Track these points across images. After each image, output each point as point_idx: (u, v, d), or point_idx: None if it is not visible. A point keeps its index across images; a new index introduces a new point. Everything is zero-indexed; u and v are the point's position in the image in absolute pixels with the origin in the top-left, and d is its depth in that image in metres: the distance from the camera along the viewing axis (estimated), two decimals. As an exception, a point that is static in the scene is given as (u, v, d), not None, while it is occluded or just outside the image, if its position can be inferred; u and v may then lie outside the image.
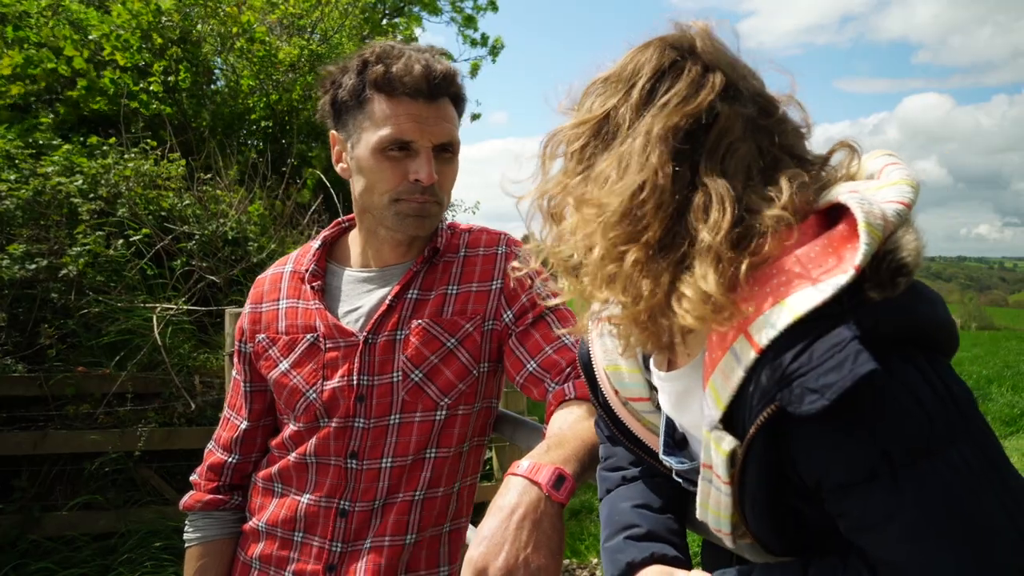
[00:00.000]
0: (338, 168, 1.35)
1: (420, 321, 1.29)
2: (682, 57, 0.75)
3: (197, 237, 3.94)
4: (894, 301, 0.62)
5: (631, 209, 0.69)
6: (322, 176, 5.13)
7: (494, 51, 12.13)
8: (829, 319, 0.61)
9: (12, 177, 3.59)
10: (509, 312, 1.31)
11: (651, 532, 0.88)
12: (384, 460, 1.26)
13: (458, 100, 1.31)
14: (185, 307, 3.67)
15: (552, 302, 0.82)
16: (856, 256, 0.62)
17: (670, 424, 0.88)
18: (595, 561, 4.21)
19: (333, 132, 1.34)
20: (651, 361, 0.88)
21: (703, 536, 0.91)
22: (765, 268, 0.66)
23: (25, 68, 4.93)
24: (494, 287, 1.32)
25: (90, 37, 5.17)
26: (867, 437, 0.61)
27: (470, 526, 1.61)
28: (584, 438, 1.05)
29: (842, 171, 0.76)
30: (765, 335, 0.63)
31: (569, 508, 5.18)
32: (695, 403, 0.79)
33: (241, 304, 3.94)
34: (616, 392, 0.94)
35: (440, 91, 1.25)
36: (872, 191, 0.70)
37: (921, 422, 0.60)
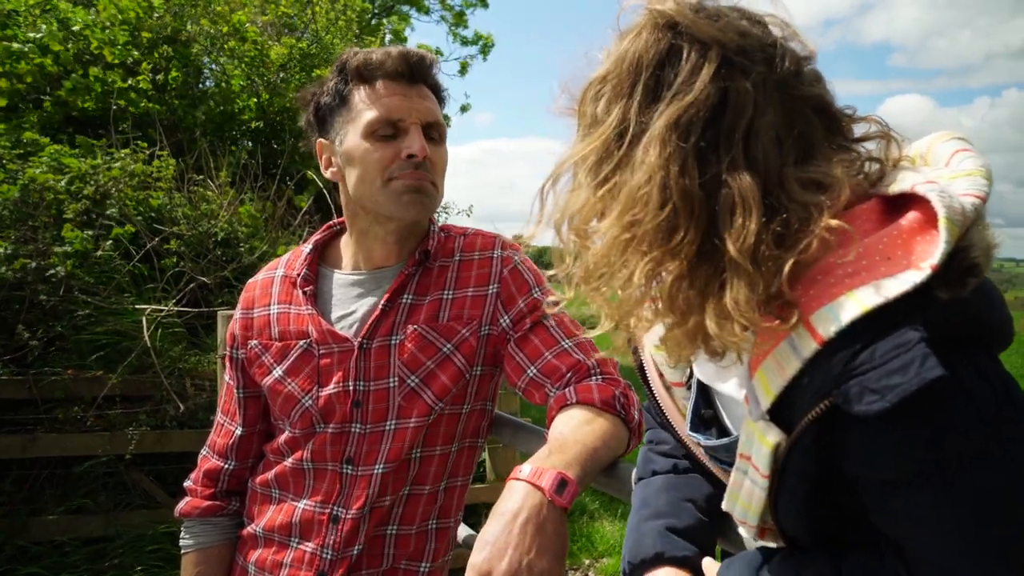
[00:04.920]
0: (328, 174, 1.35)
1: (416, 326, 1.28)
2: (677, 38, 0.69)
3: (186, 237, 3.91)
4: (962, 301, 0.59)
5: (663, 222, 0.65)
6: (315, 177, 5.11)
7: (485, 49, 12.13)
8: (894, 316, 0.59)
9: (0, 177, 3.55)
10: (506, 317, 1.30)
11: (689, 530, 0.89)
12: (377, 466, 1.25)
13: (437, 90, 1.33)
14: (175, 309, 3.64)
15: (593, 334, 0.79)
16: (934, 253, 0.59)
17: (698, 402, 0.88)
18: (587, 562, 4.21)
19: (320, 141, 1.34)
20: None
21: (727, 547, 0.91)
22: (826, 261, 0.63)
23: (8, 57, 4.86)
24: (490, 291, 1.31)
25: (74, 28, 5.11)
26: (922, 439, 0.59)
27: (462, 525, 1.61)
28: (586, 443, 1.04)
29: (892, 151, 0.71)
30: (830, 327, 0.60)
31: (562, 509, 5.18)
32: (736, 371, 0.77)
33: (233, 306, 3.92)
34: (661, 376, 0.93)
35: (419, 74, 1.28)
36: (945, 180, 0.66)
37: (977, 425, 0.59)
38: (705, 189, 0.65)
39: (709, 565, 0.86)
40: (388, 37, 9.00)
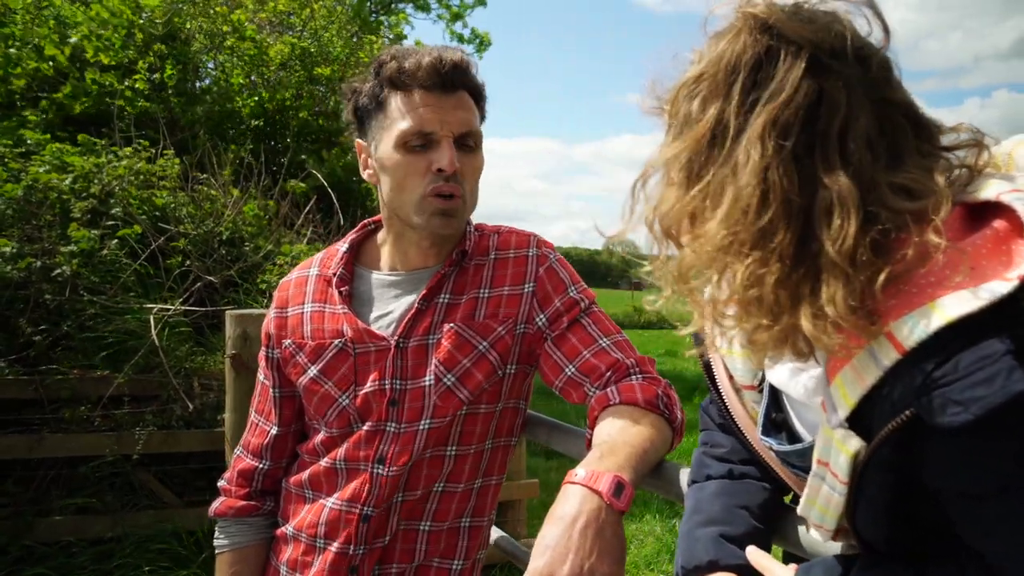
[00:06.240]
0: (365, 175, 1.35)
1: (452, 325, 1.28)
2: (775, 40, 0.70)
3: (192, 236, 3.89)
4: None
5: (765, 224, 0.65)
6: (318, 175, 5.09)
7: (481, 46, 12.18)
8: (979, 327, 0.58)
9: (3, 176, 3.52)
10: (542, 316, 1.30)
11: (743, 538, 0.88)
12: (409, 466, 1.26)
13: (476, 93, 1.32)
14: (183, 308, 3.62)
15: (686, 331, 0.79)
16: (1021, 264, 0.59)
17: (769, 406, 0.88)
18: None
19: (359, 141, 1.34)
20: None
21: (782, 546, 0.91)
22: (914, 271, 0.63)
23: (5, 66, 4.83)
24: (526, 290, 1.32)
25: (71, 40, 5.09)
26: (1009, 452, 0.59)
27: (494, 528, 1.61)
28: (634, 444, 1.04)
29: (982, 159, 0.71)
30: (912, 336, 0.60)
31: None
32: (808, 376, 0.78)
33: (239, 305, 3.91)
34: (731, 378, 0.93)
35: (453, 81, 1.26)
36: None
37: None
38: (803, 190, 0.65)
39: (757, 556, 0.86)
40: (388, 36, 8.98)
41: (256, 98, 5.93)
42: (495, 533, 1.65)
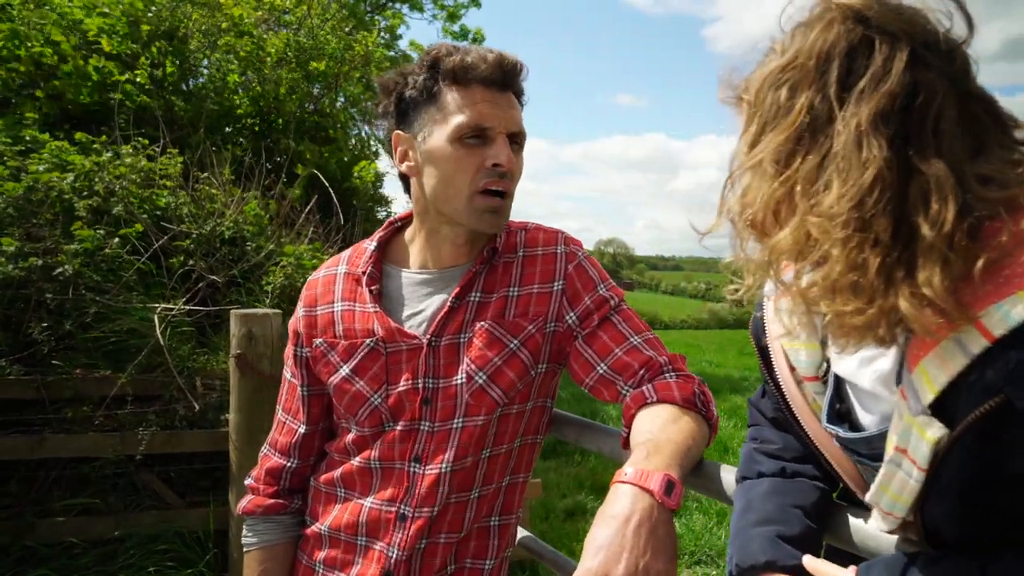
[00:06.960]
0: (403, 167, 1.33)
1: (483, 323, 1.28)
2: (869, 30, 0.71)
3: (194, 235, 3.87)
4: None
5: (864, 208, 0.66)
6: (318, 174, 5.07)
7: (474, 43, 12.24)
8: None
9: (4, 174, 3.49)
10: (572, 314, 1.30)
11: (799, 538, 0.89)
12: (444, 464, 1.25)
13: (520, 97, 1.33)
14: (187, 308, 3.60)
15: (783, 316, 0.79)
16: None
17: (834, 395, 0.88)
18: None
19: (397, 132, 1.32)
20: None
21: (833, 543, 0.92)
22: (1001, 261, 0.65)
23: (10, 41, 4.79)
24: (555, 288, 1.32)
25: (75, 19, 5.05)
26: None
27: (520, 528, 1.62)
28: (677, 441, 1.04)
29: None
30: (1003, 324, 0.62)
31: (563, 509, 5.18)
32: (884, 360, 0.79)
33: (242, 305, 3.89)
34: (792, 370, 0.93)
35: (511, 81, 1.28)
36: None
37: None
38: (901, 176, 0.66)
39: (815, 563, 0.86)
40: (384, 36, 8.97)
41: (251, 95, 5.90)
42: (519, 532, 1.66)
